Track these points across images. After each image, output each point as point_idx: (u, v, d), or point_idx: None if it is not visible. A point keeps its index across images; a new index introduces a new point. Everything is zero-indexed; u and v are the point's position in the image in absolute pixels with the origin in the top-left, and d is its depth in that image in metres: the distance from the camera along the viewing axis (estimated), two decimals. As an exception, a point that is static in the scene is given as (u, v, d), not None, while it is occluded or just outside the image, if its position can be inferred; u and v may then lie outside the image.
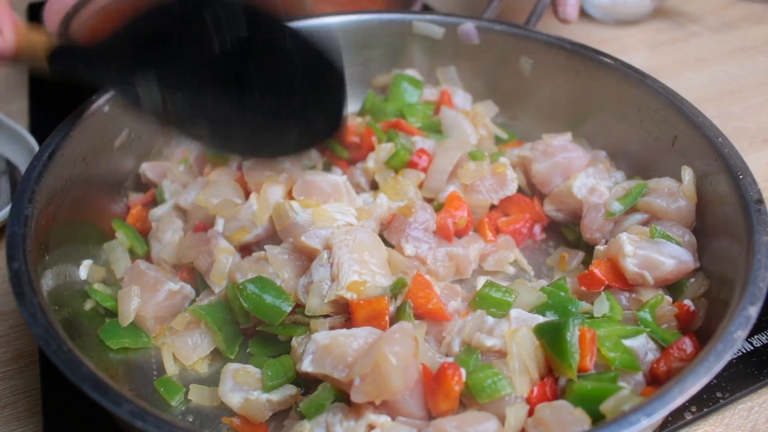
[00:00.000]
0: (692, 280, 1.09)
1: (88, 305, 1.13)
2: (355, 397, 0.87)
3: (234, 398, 1.00)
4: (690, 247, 1.12)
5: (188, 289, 1.17)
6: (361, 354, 0.90)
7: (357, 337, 0.93)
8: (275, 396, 1.00)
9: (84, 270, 1.17)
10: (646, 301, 1.05)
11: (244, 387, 1.01)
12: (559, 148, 1.30)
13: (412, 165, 1.30)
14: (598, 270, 1.09)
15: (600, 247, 1.17)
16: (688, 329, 1.05)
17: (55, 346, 0.85)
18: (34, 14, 2.19)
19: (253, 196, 1.21)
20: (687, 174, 1.18)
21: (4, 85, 1.97)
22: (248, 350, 1.12)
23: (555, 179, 1.31)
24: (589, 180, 1.26)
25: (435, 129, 1.40)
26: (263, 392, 1.00)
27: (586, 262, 1.23)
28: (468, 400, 0.93)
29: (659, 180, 1.21)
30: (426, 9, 2.27)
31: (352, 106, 1.63)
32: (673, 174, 1.21)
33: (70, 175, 1.16)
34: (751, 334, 1.18)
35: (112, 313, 1.13)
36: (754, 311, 0.87)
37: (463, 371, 0.92)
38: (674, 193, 1.18)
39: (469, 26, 1.51)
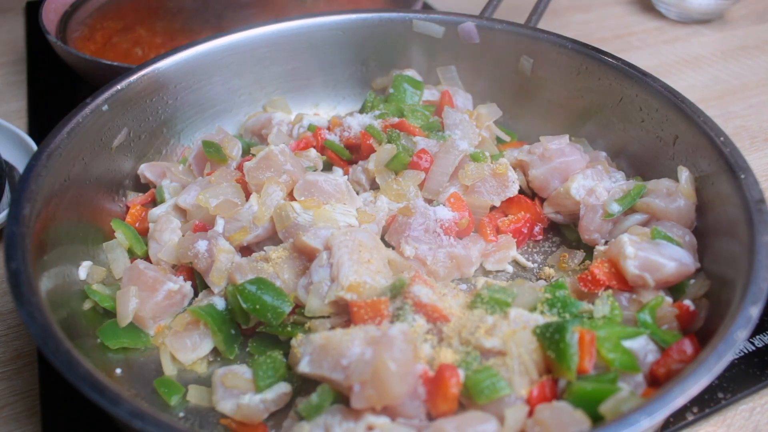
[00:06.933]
0: (693, 280, 1.09)
1: (87, 305, 1.12)
2: (356, 403, 0.87)
3: (227, 405, 0.99)
4: (691, 248, 1.12)
5: (187, 288, 1.17)
6: (357, 356, 0.90)
7: (353, 337, 0.92)
8: (269, 395, 1.00)
9: (83, 270, 1.17)
10: (646, 303, 1.04)
11: (234, 392, 1.00)
12: (557, 152, 1.30)
13: (413, 165, 1.30)
14: (598, 271, 1.09)
15: (600, 248, 1.17)
16: (689, 330, 1.04)
17: (53, 346, 0.84)
18: (32, 13, 2.19)
19: (253, 197, 1.20)
20: (683, 174, 1.18)
21: (2, 85, 1.97)
22: (248, 350, 1.12)
23: (553, 183, 1.30)
24: (587, 181, 1.26)
25: (435, 130, 1.40)
26: (255, 393, 1.00)
27: (586, 262, 1.22)
28: (467, 400, 0.93)
29: (658, 181, 1.21)
30: (426, 8, 2.26)
31: (352, 106, 1.64)
32: (674, 174, 1.21)
33: (69, 174, 1.16)
34: (753, 335, 1.17)
35: (111, 313, 1.12)
36: (755, 311, 0.87)
37: (461, 372, 0.92)
38: (673, 193, 1.17)
39: (469, 25, 1.50)
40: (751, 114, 1.82)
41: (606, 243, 1.21)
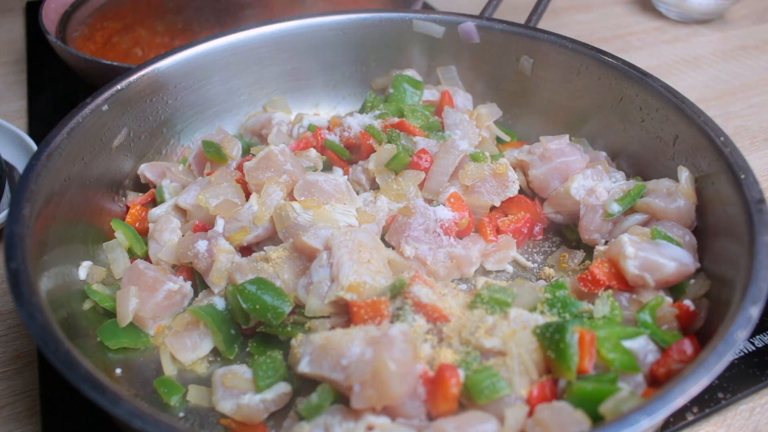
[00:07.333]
0: (693, 280, 1.09)
1: (87, 305, 1.12)
2: (356, 403, 0.87)
3: (227, 405, 0.99)
4: (691, 248, 1.12)
5: (187, 288, 1.17)
6: (357, 356, 0.90)
7: (353, 337, 0.92)
8: (269, 395, 1.00)
9: (83, 270, 1.17)
10: (646, 303, 1.04)
11: (234, 391, 1.00)
12: (557, 152, 1.30)
13: (413, 165, 1.30)
14: (598, 271, 1.09)
15: (600, 248, 1.17)
16: (689, 330, 1.04)
17: (53, 346, 0.84)
18: (32, 13, 2.19)
19: (253, 197, 1.20)
20: (683, 174, 1.18)
21: (2, 85, 1.97)
22: (248, 350, 1.11)
23: (553, 183, 1.30)
24: (587, 182, 1.26)
25: (435, 130, 1.40)
26: (255, 393, 1.00)
27: (586, 262, 1.22)
28: (467, 400, 0.93)
29: (658, 181, 1.21)
30: (426, 8, 2.26)
31: (352, 106, 1.64)
32: (674, 174, 1.21)
33: (69, 174, 1.16)
34: (753, 335, 1.17)
35: (111, 313, 1.12)
36: (755, 311, 0.87)
37: (461, 372, 0.92)
38: (673, 193, 1.17)
39: (469, 25, 1.50)
40: (751, 114, 1.82)
41: (606, 243, 1.21)
